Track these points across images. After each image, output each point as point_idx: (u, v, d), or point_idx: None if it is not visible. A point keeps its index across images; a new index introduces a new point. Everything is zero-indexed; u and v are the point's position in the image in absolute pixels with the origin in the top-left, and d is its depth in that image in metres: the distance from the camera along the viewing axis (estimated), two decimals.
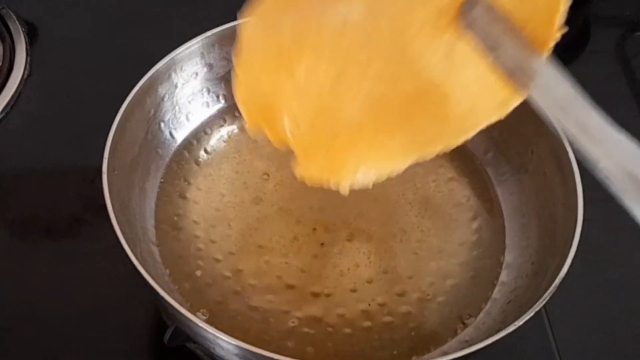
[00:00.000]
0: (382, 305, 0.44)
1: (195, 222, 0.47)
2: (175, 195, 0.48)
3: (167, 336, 0.45)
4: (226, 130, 0.52)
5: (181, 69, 0.49)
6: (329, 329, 0.43)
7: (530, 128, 0.48)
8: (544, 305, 0.39)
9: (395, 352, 0.43)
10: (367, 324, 0.44)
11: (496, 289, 0.45)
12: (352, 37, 0.36)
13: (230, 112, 0.53)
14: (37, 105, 0.59)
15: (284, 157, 0.51)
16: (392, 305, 0.45)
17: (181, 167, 0.50)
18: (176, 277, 0.45)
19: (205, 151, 0.51)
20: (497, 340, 0.37)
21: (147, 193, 0.47)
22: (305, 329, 0.43)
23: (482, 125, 0.35)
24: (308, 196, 0.48)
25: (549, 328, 0.49)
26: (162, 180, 0.49)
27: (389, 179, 0.37)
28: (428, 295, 0.45)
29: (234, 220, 0.47)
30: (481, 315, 0.44)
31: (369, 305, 0.44)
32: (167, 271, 0.45)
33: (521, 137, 0.49)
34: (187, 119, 0.51)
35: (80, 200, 0.54)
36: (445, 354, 0.37)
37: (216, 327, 0.36)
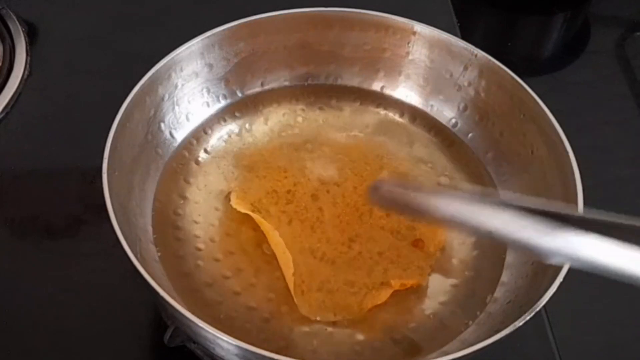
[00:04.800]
0: (382, 305, 0.44)
1: (195, 221, 0.47)
2: (175, 195, 0.48)
3: (167, 336, 0.45)
4: (226, 130, 0.52)
5: (181, 69, 0.49)
6: (329, 329, 0.43)
7: (530, 128, 0.48)
8: (544, 305, 0.39)
9: (395, 353, 0.43)
10: (367, 323, 0.44)
11: (496, 289, 0.45)
12: None
13: (230, 112, 0.53)
14: (37, 105, 0.59)
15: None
16: (392, 305, 0.45)
17: (181, 167, 0.50)
18: (176, 276, 0.45)
19: (205, 151, 0.51)
20: (497, 340, 0.37)
21: (147, 193, 0.47)
22: (306, 329, 0.43)
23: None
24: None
25: (549, 328, 0.49)
26: (162, 180, 0.49)
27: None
28: (429, 295, 0.45)
29: (234, 219, 0.47)
30: (481, 315, 0.44)
31: (369, 305, 0.44)
32: (167, 271, 0.45)
33: (521, 137, 0.49)
34: (187, 119, 0.51)
35: (80, 200, 0.53)
36: (445, 354, 0.37)
37: (216, 327, 0.36)
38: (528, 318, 0.38)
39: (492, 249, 0.47)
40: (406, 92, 0.54)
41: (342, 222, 0.47)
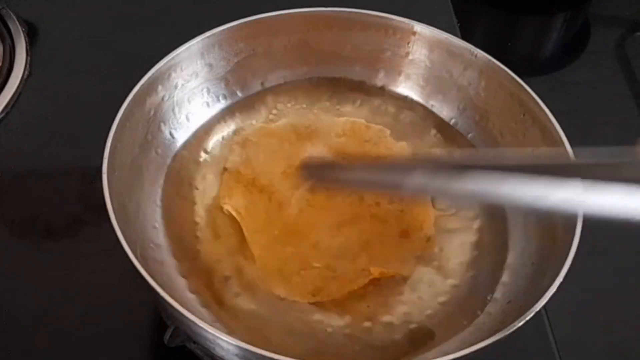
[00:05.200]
0: (382, 305, 0.44)
1: (195, 222, 0.47)
2: (175, 195, 0.48)
3: (167, 336, 0.45)
4: (226, 129, 0.52)
5: (181, 69, 0.49)
6: (329, 329, 0.43)
7: (530, 128, 0.48)
8: (544, 305, 0.39)
9: (395, 352, 0.43)
10: (367, 324, 0.44)
11: (496, 289, 0.45)
12: None
13: (230, 111, 0.53)
14: (37, 105, 0.60)
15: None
16: (392, 305, 0.45)
17: (181, 166, 0.50)
18: (176, 276, 0.45)
19: (205, 151, 0.51)
20: (497, 340, 0.37)
21: (147, 193, 0.47)
22: (307, 329, 0.43)
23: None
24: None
25: (549, 328, 0.49)
26: (161, 180, 0.49)
27: None
28: (428, 295, 0.45)
29: (234, 219, 0.47)
30: (481, 315, 0.44)
31: (369, 305, 0.44)
32: (167, 271, 0.45)
33: (521, 137, 0.49)
34: (187, 119, 0.51)
35: (80, 200, 0.54)
36: (446, 353, 0.37)
37: (216, 327, 0.36)
38: (528, 318, 0.38)
39: (492, 249, 0.47)
40: (406, 92, 0.54)
41: (332, 207, 0.47)
